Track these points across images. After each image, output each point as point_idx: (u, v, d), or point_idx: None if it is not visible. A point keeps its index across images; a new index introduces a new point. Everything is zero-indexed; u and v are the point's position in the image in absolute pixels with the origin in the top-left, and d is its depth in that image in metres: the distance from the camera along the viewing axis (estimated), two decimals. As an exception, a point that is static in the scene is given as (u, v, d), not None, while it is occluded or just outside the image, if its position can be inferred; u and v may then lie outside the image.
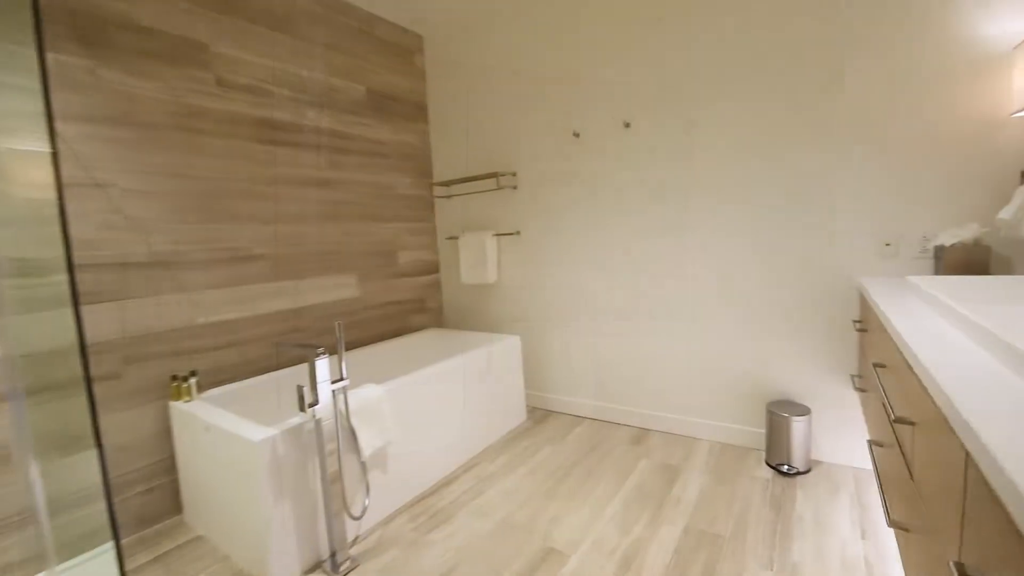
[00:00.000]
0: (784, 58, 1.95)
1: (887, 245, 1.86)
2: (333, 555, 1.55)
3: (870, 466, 1.99)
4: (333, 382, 1.55)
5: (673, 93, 2.21)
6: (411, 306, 2.90)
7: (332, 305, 2.42)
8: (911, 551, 0.90)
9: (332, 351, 2.45)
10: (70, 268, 1.28)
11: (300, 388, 1.47)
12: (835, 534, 1.60)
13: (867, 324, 1.66)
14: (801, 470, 1.99)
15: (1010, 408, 0.58)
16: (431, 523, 1.78)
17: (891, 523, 0.96)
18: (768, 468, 2.06)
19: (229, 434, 1.52)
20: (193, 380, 1.82)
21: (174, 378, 1.82)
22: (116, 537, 1.44)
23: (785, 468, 2.01)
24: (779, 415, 2.01)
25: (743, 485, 1.93)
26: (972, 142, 1.67)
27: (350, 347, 2.54)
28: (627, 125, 2.33)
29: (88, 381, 1.38)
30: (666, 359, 2.40)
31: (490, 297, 2.94)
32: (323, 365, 1.51)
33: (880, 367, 1.26)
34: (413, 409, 1.95)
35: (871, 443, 1.31)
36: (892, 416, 0.92)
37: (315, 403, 1.48)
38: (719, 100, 2.11)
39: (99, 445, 1.43)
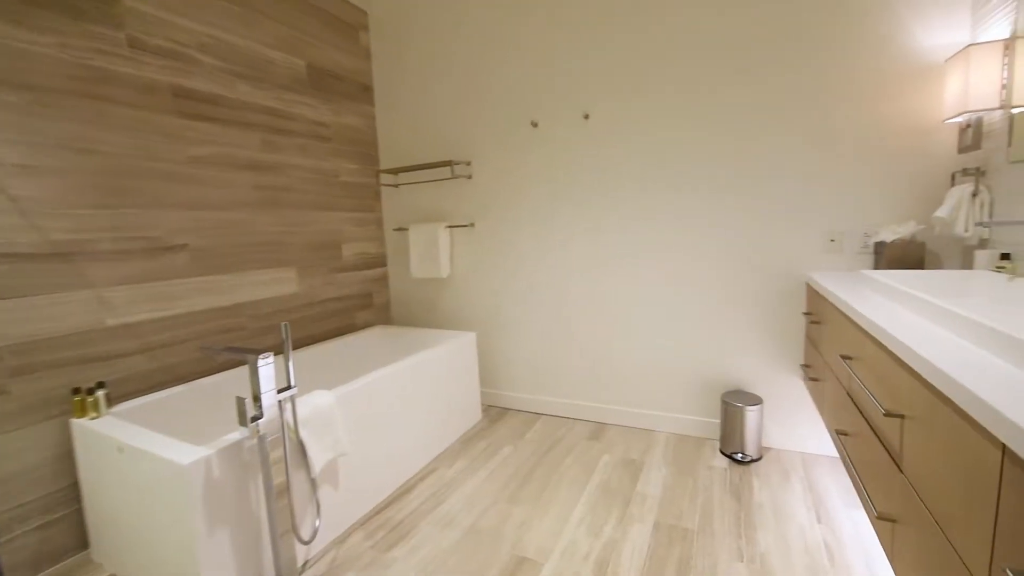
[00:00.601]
0: (740, 58, 1.99)
1: (832, 241, 1.96)
2: (281, 585, 1.37)
3: (817, 451, 2.10)
4: (279, 391, 1.37)
5: (633, 86, 2.19)
6: (356, 302, 2.70)
7: (268, 302, 2.18)
8: (901, 542, 0.92)
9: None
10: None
11: (241, 400, 1.28)
12: (793, 520, 1.66)
13: (820, 316, 1.74)
14: (754, 457, 2.06)
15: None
16: (390, 538, 1.65)
17: (878, 515, 0.97)
18: (723, 457, 2.11)
19: (149, 456, 1.30)
20: (101, 393, 1.54)
21: (76, 391, 1.53)
22: (2, 587, 1.18)
23: (739, 456, 2.07)
24: (734, 405, 2.07)
25: (703, 476, 1.96)
26: (908, 145, 1.79)
27: (293, 346, 2.31)
28: (587, 117, 2.29)
29: (-41, 401, 1.11)
30: (623, 353, 2.40)
31: (442, 292, 2.81)
32: (267, 372, 1.33)
33: (848, 359, 1.29)
34: (366, 415, 1.79)
35: (837, 433, 1.35)
36: (882, 410, 0.93)
37: (259, 416, 1.30)
38: (675, 95, 2.12)
39: (-24, 478, 1.16)
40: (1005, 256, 1.44)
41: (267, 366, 1.32)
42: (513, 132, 2.47)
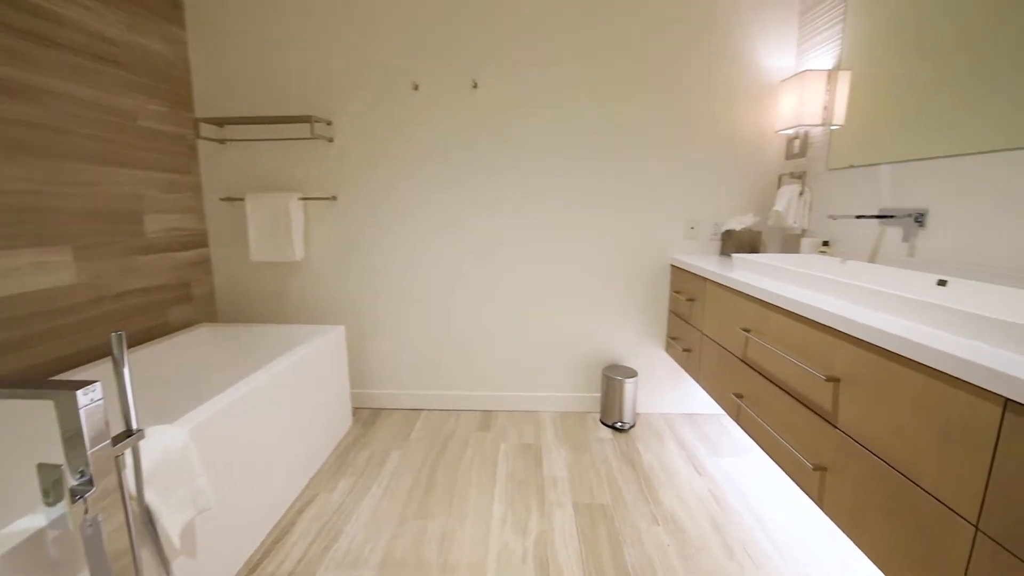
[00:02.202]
0: (623, 66, 2.08)
1: (691, 228, 2.24)
2: None
3: (673, 411, 2.40)
4: (116, 440, 0.89)
5: (522, 65, 2.09)
6: (169, 295, 2.00)
7: (27, 299, 1.43)
8: (834, 488, 1.07)
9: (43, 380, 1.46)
10: None
11: (52, 468, 0.78)
12: (681, 476, 1.86)
13: (693, 294, 1.96)
14: (631, 425, 2.26)
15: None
16: (282, 601, 1.27)
17: (813, 467, 1.12)
18: (604, 427, 2.26)
19: None
20: None
21: None
22: None
23: (619, 425, 2.25)
24: (614, 379, 2.22)
25: (597, 449, 2.06)
26: (749, 150, 2.13)
27: (72, 363, 1.57)
28: (475, 86, 2.11)
29: None
30: (504, 337, 2.35)
31: (293, 279, 2.30)
32: (95, 414, 0.84)
33: (747, 331, 1.48)
34: (221, 447, 1.33)
35: (735, 395, 1.54)
36: (822, 376, 1.07)
37: (87, 488, 0.81)
38: (561, 83, 2.11)
39: None
40: (826, 243, 1.84)
41: (95, 405, 0.84)
42: (389, 92, 2.12)
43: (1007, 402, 0.70)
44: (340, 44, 2.09)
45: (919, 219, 1.40)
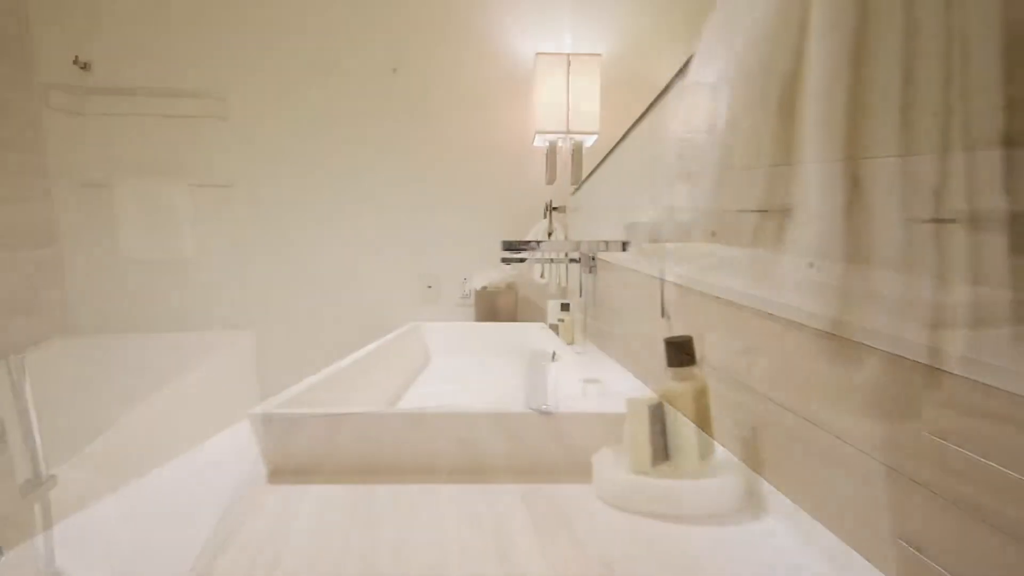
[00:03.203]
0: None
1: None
2: None
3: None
4: (24, 489, 0.71)
5: (445, 47, 2.05)
6: (7, 304, 1.59)
7: None
8: (752, 451, 1.28)
9: None
10: None
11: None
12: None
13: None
14: (556, 406, 2.39)
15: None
16: (225, 646, 1.12)
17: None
18: (531, 411, 2.36)
19: None
20: None
21: None
22: None
23: (544, 407, 2.35)
24: (537, 363, 2.33)
25: (529, 433, 2.14)
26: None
27: None
28: (395, 70, 2.01)
29: None
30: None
31: (179, 279, 1.97)
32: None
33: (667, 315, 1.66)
34: (121, 487, 1.12)
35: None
36: (740, 347, 1.27)
37: (-2, 554, 0.64)
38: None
39: None
40: (714, 233, 2.13)
41: None
42: (297, 69, 1.92)
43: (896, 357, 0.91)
44: (243, 12, 1.83)
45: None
